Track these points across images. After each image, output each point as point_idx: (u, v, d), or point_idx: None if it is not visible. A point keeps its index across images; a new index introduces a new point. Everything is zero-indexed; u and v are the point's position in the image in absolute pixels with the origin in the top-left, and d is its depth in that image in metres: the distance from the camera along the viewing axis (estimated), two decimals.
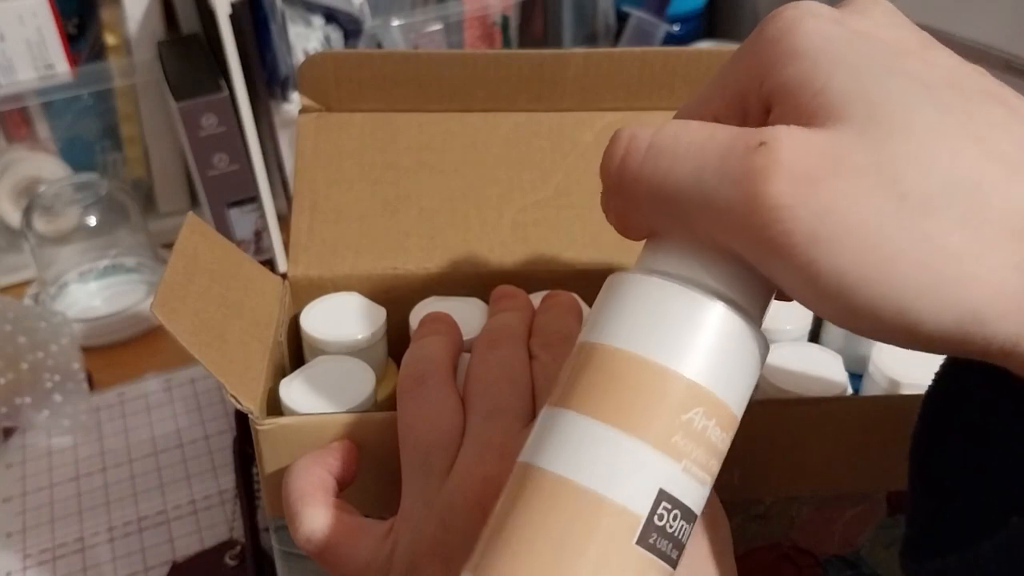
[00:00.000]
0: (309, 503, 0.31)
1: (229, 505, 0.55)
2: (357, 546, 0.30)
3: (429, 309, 0.39)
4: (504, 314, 0.35)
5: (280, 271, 0.41)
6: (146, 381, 0.65)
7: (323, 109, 0.44)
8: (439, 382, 0.31)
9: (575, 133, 0.45)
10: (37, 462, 0.59)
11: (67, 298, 0.72)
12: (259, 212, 0.73)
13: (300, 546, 0.31)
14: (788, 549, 0.38)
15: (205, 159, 0.70)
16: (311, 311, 0.39)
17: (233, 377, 0.32)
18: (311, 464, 0.32)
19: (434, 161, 0.44)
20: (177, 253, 0.34)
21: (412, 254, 0.42)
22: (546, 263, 0.42)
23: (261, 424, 0.32)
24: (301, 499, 0.31)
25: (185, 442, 0.60)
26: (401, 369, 0.32)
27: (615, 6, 0.89)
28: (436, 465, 0.29)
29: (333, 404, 0.34)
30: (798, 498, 0.36)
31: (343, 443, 0.32)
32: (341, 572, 0.30)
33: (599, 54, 0.43)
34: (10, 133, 0.75)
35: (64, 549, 0.54)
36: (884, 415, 0.35)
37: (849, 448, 0.35)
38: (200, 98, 0.68)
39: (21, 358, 0.59)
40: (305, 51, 0.71)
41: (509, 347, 0.32)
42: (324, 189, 0.43)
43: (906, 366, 0.37)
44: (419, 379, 0.31)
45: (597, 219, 0.43)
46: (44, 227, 0.71)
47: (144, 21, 0.74)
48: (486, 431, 0.29)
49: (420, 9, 0.77)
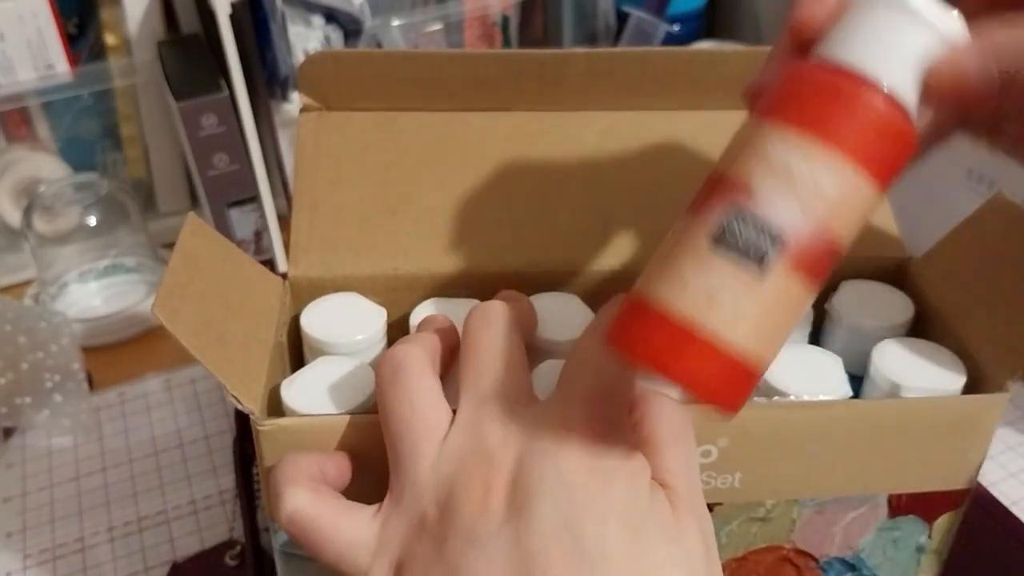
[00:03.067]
0: (292, 485, 0.30)
1: (229, 505, 0.55)
2: (340, 525, 0.30)
3: (429, 310, 0.39)
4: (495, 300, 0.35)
5: (280, 271, 0.41)
6: (146, 381, 0.65)
7: (323, 109, 0.44)
8: (417, 369, 0.31)
9: (576, 133, 0.45)
10: (37, 462, 0.59)
11: (67, 298, 0.72)
12: (259, 212, 0.73)
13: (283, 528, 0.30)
14: (789, 551, 0.38)
15: (205, 159, 0.70)
16: (311, 312, 0.39)
17: (234, 377, 0.32)
18: (302, 456, 0.32)
19: (434, 161, 0.44)
20: (178, 253, 0.34)
21: (412, 254, 0.42)
22: (547, 264, 0.42)
23: (262, 424, 0.32)
24: (285, 481, 0.31)
25: (185, 442, 0.60)
26: (378, 365, 0.32)
27: (615, 6, 0.89)
28: (424, 447, 0.29)
29: (334, 405, 0.34)
30: (799, 500, 0.36)
31: (338, 452, 0.33)
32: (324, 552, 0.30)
33: (600, 54, 0.43)
34: (10, 133, 0.75)
35: (64, 549, 0.54)
36: (884, 418, 0.35)
37: (850, 451, 0.35)
38: (200, 98, 0.68)
39: (21, 358, 0.59)
40: (305, 51, 0.71)
41: (501, 326, 0.32)
42: (324, 189, 0.43)
43: (907, 369, 0.37)
44: (397, 368, 0.31)
45: (598, 219, 0.43)
46: (44, 227, 0.71)
47: (144, 21, 0.74)
48: (482, 412, 0.29)
49: (420, 9, 0.77)
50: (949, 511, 0.38)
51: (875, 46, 0.26)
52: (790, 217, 0.25)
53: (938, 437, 0.36)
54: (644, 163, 0.44)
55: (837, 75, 0.26)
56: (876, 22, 0.26)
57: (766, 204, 0.25)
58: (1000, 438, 0.37)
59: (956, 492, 0.37)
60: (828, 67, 0.26)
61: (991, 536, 0.51)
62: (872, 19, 0.26)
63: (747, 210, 0.25)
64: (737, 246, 0.25)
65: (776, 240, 0.25)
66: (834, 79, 0.26)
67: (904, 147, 0.26)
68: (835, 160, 0.25)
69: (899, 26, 0.26)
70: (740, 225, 0.25)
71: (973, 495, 0.38)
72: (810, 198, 0.25)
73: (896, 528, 0.38)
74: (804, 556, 0.38)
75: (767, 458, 0.35)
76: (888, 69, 0.25)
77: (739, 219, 0.25)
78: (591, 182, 0.44)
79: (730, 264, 0.25)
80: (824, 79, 0.26)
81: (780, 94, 0.26)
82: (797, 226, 0.25)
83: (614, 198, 0.44)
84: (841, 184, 0.25)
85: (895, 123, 0.25)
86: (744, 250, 0.25)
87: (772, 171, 0.25)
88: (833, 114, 0.25)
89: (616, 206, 0.43)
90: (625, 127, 0.45)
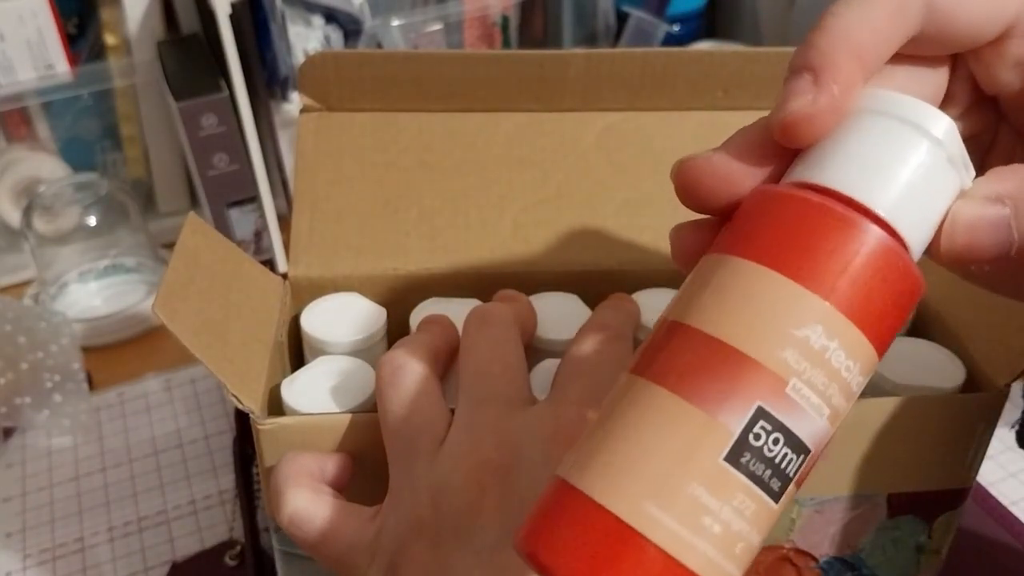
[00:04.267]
0: (293, 485, 0.31)
1: (229, 505, 0.55)
2: (341, 528, 0.30)
3: (430, 310, 0.39)
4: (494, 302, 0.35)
5: (280, 271, 0.41)
6: (146, 381, 0.65)
7: (323, 109, 0.44)
8: (417, 369, 0.31)
9: (576, 133, 0.45)
10: (37, 462, 0.59)
11: (67, 298, 0.72)
12: (259, 212, 0.73)
13: (283, 528, 0.31)
14: (788, 551, 0.38)
15: (205, 159, 0.70)
16: (312, 311, 0.39)
17: (234, 377, 0.32)
18: (301, 455, 0.32)
19: (435, 161, 0.44)
20: (178, 253, 0.34)
21: (413, 254, 0.42)
22: (547, 264, 0.42)
23: (262, 424, 0.32)
24: (285, 481, 0.31)
25: (185, 442, 0.60)
26: (378, 365, 0.32)
27: (615, 6, 0.89)
28: (422, 448, 0.29)
29: (334, 404, 0.34)
30: (799, 500, 0.36)
31: (339, 453, 0.33)
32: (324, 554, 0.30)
33: (600, 54, 0.43)
34: (10, 133, 0.75)
35: (64, 549, 0.54)
36: (884, 418, 0.35)
37: (849, 450, 0.35)
38: (200, 98, 0.68)
39: (21, 358, 0.59)
40: (305, 51, 0.71)
41: (500, 327, 0.32)
42: (324, 189, 0.43)
43: (906, 369, 0.37)
44: (396, 369, 0.31)
45: (598, 219, 0.43)
46: (44, 227, 0.71)
47: (144, 21, 0.74)
48: (479, 415, 0.29)
49: (420, 9, 0.77)
50: (949, 511, 0.38)
51: (911, 197, 0.20)
52: (819, 423, 0.20)
53: (938, 437, 0.36)
54: (644, 163, 0.44)
55: (887, 244, 0.20)
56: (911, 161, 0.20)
57: (798, 410, 0.19)
58: (1000, 438, 0.37)
59: (956, 492, 0.37)
60: (865, 223, 0.20)
61: (991, 536, 0.51)
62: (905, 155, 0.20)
63: (775, 418, 0.19)
64: (759, 470, 0.19)
65: (799, 454, 0.20)
66: (885, 247, 0.20)
67: (906, 313, 0.22)
68: (871, 356, 0.20)
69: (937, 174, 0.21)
70: (767, 438, 0.19)
71: (973, 495, 0.38)
72: (838, 394, 0.20)
73: (896, 528, 0.38)
74: (804, 556, 0.38)
75: None
76: (918, 237, 0.21)
77: (765, 429, 0.19)
78: (591, 182, 0.44)
79: (749, 493, 0.19)
80: (868, 241, 0.20)
81: (799, 239, 0.20)
82: (821, 433, 0.20)
83: (614, 198, 0.44)
84: (866, 373, 0.20)
85: (914, 296, 0.21)
86: (766, 476, 0.19)
87: (808, 358, 0.19)
88: (879, 295, 0.20)
89: (616, 206, 0.43)
90: (625, 127, 0.45)
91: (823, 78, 0.21)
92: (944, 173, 0.21)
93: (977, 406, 0.35)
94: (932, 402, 0.35)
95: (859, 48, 0.21)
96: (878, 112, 0.21)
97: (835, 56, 0.21)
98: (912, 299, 0.20)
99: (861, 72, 0.21)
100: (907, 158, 0.20)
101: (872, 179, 0.20)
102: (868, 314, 0.20)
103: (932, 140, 0.20)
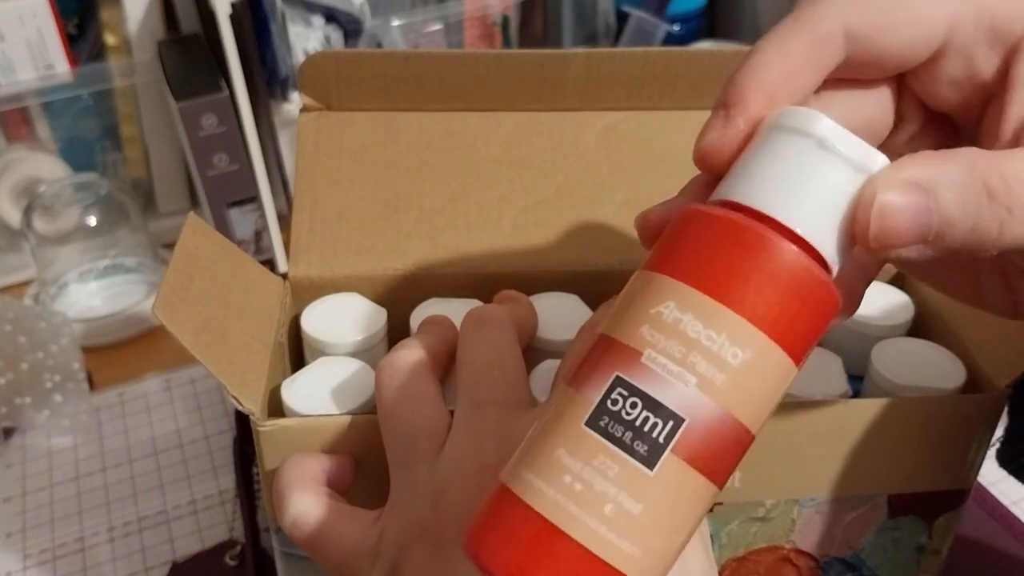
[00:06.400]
0: (296, 488, 0.31)
1: (229, 505, 0.55)
2: (344, 532, 0.30)
3: (430, 310, 0.39)
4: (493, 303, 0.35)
5: (280, 271, 0.41)
6: (146, 381, 0.65)
7: (323, 109, 0.44)
8: (416, 373, 0.31)
9: (576, 133, 0.45)
10: (37, 462, 0.59)
11: (67, 298, 0.72)
12: (259, 212, 0.73)
13: (286, 531, 0.31)
14: (789, 551, 0.38)
15: (205, 159, 0.70)
16: (312, 312, 0.39)
17: (234, 378, 0.32)
18: (304, 458, 0.32)
19: (435, 161, 0.44)
20: (178, 253, 0.34)
21: (413, 255, 0.42)
22: (547, 264, 0.42)
23: (262, 425, 0.32)
24: (289, 485, 0.31)
25: (185, 442, 0.60)
26: (378, 368, 0.32)
27: (615, 6, 0.89)
28: (423, 452, 0.29)
29: (334, 405, 0.34)
30: (799, 500, 0.36)
31: (341, 455, 0.33)
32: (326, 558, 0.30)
33: (600, 54, 0.43)
34: (10, 133, 0.75)
35: (64, 549, 0.54)
36: (884, 418, 0.35)
37: (850, 451, 0.35)
38: (200, 98, 0.68)
39: (21, 358, 0.59)
40: (305, 51, 0.71)
41: (496, 329, 0.32)
42: (324, 189, 0.43)
43: (906, 369, 0.37)
44: (396, 372, 0.31)
45: (599, 219, 0.43)
46: (44, 227, 0.70)
47: (144, 21, 0.74)
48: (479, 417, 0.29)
49: (420, 9, 0.77)
50: (949, 511, 0.38)
51: (788, 189, 0.22)
52: (686, 390, 0.21)
53: (938, 437, 0.36)
54: (644, 163, 0.44)
55: (743, 223, 0.22)
56: (789, 158, 0.22)
57: (655, 376, 0.21)
58: None
59: (956, 492, 0.37)
60: (730, 213, 0.22)
61: (991, 536, 0.51)
62: (784, 154, 0.22)
63: (632, 384, 0.21)
64: (618, 432, 0.21)
65: (668, 420, 0.21)
66: (739, 227, 0.22)
67: (824, 311, 0.22)
68: (743, 327, 0.21)
69: (816, 165, 0.22)
70: (623, 403, 0.21)
71: (973, 495, 0.38)
72: (702, 361, 0.21)
73: (896, 528, 0.38)
74: (804, 556, 0.38)
75: (767, 458, 0.35)
76: (803, 216, 0.22)
77: (622, 395, 0.21)
78: (591, 182, 0.44)
79: (610, 455, 0.21)
80: (726, 227, 0.22)
81: (675, 243, 0.22)
82: (692, 400, 0.21)
83: (614, 198, 0.44)
84: (751, 357, 0.21)
85: (813, 281, 0.22)
86: (627, 437, 0.21)
87: (660, 331, 0.21)
88: (740, 270, 0.21)
89: (616, 206, 0.43)
90: (625, 127, 0.45)
91: (732, 113, 0.24)
92: (820, 159, 0.22)
93: (977, 407, 0.35)
94: (933, 403, 0.35)
95: (769, 85, 0.23)
96: (772, 126, 0.23)
97: (745, 94, 0.24)
98: (778, 265, 0.21)
99: (769, 107, 0.23)
100: (780, 154, 0.22)
101: (749, 179, 0.23)
102: (720, 284, 0.21)
103: (800, 132, 0.22)
